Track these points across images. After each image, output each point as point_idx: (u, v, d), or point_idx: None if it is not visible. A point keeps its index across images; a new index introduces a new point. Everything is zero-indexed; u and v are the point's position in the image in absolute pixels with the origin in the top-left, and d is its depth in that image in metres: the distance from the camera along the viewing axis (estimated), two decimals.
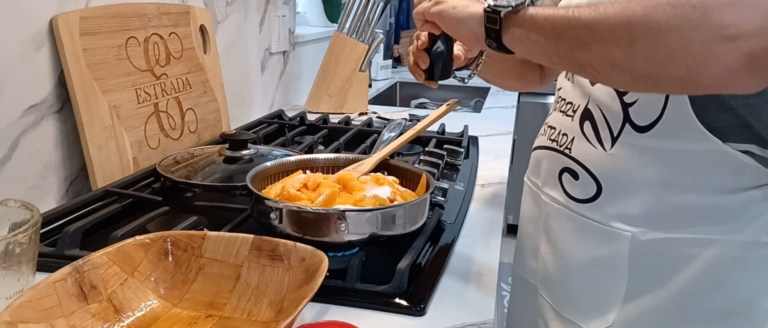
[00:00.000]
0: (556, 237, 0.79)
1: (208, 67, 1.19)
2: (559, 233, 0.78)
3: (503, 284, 2.52)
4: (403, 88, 2.45)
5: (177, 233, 0.62)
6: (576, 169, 0.75)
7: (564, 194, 0.77)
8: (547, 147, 0.81)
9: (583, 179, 0.74)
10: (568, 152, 0.76)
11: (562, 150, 0.77)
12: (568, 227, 0.77)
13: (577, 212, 0.75)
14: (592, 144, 0.72)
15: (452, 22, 0.66)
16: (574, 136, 0.75)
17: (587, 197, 0.73)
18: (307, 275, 0.57)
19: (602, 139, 0.71)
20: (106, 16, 0.92)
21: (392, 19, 2.95)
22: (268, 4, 1.52)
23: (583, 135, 0.74)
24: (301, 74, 1.81)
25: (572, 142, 0.76)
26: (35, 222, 0.55)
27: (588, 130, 0.73)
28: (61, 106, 0.87)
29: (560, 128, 0.79)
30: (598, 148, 0.71)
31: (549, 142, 0.81)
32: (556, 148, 0.79)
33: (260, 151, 0.97)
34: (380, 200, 0.70)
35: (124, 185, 0.88)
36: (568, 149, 0.76)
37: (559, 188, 0.78)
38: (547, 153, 0.81)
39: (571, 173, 0.76)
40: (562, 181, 0.77)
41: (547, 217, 0.81)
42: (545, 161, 0.82)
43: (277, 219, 0.67)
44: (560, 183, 0.78)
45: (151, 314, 0.57)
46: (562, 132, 0.78)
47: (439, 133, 1.30)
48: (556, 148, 0.79)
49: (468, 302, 0.65)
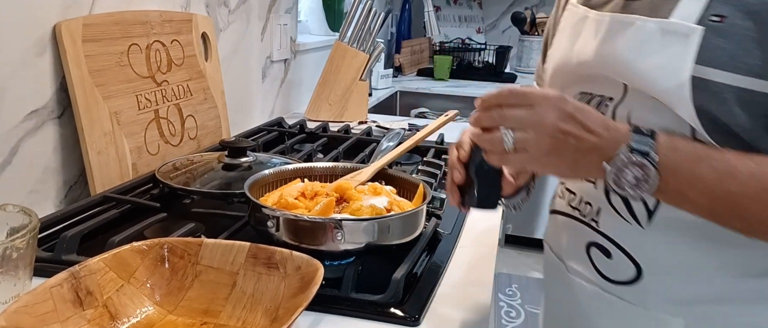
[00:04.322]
0: (592, 325, 0.68)
1: (209, 75, 1.19)
2: (594, 320, 0.67)
3: (500, 294, 2.52)
4: (403, 98, 2.46)
5: (174, 239, 0.62)
6: (607, 246, 0.64)
7: (595, 271, 0.66)
8: (568, 215, 0.71)
9: (617, 258, 0.64)
10: (594, 226, 0.66)
11: (587, 221, 0.67)
12: (604, 311, 0.66)
13: (615, 295, 0.64)
14: (624, 218, 0.62)
15: (571, 157, 0.53)
16: (600, 207, 0.65)
17: (625, 279, 0.63)
18: (302, 283, 0.57)
19: (636, 213, 0.61)
20: (109, 23, 0.93)
21: (393, 28, 2.96)
22: (270, 12, 1.53)
23: (611, 207, 0.63)
24: (301, 82, 1.81)
25: (598, 214, 0.65)
26: (33, 227, 0.55)
27: (617, 202, 0.63)
28: (62, 111, 0.88)
29: (581, 195, 0.68)
30: (632, 224, 0.62)
31: (569, 209, 0.70)
32: (579, 219, 0.68)
33: (259, 158, 0.97)
34: (377, 209, 0.71)
35: (122, 190, 0.89)
36: (595, 222, 0.66)
37: (588, 264, 0.67)
38: (569, 222, 0.70)
39: (601, 250, 0.65)
40: (591, 256, 0.67)
41: (576, 297, 0.69)
42: (568, 232, 0.71)
43: (274, 227, 0.67)
44: (589, 259, 0.67)
45: (146, 321, 0.57)
46: (584, 200, 0.68)
47: (437, 143, 1.30)
48: (580, 219, 0.68)
49: (463, 313, 0.65)
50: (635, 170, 0.51)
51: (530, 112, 0.52)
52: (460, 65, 2.90)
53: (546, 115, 0.52)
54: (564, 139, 0.52)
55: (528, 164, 0.55)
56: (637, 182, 0.52)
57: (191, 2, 1.17)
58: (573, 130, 0.52)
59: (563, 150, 0.52)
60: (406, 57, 2.84)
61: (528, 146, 0.52)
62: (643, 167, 0.51)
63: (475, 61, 2.97)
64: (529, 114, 0.52)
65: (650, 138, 0.52)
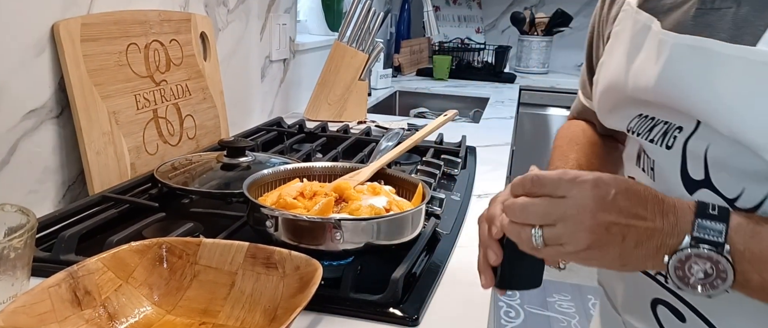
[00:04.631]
0: None
1: (208, 74, 1.19)
2: None
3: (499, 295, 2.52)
4: (403, 98, 2.46)
5: (172, 239, 0.62)
6: (678, 306, 0.54)
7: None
8: None
9: (692, 323, 0.53)
10: (663, 281, 0.55)
11: (654, 275, 0.56)
12: None
13: None
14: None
15: (618, 251, 0.44)
16: None
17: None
18: (301, 283, 0.57)
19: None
20: (108, 23, 0.93)
21: (393, 28, 2.96)
22: (270, 12, 1.53)
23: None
24: (301, 82, 1.81)
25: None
26: (31, 227, 0.55)
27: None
28: (61, 111, 0.87)
29: None
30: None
31: None
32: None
33: (258, 158, 0.97)
34: (376, 209, 0.71)
35: (121, 190, 0.89)
36: (663, 276, 0.54)
37: (653, 323, 0.57)
38: (632, 273, 0.59)
39: (671, 310, 0.55)
40: (657, 315, 0.56)
41: None
42: (626, 282, 0.61)
43: (272, 227, 0.67)
44: (655, 318, 0.57)
45: (144, 321, 0.57)
46: None
47: (436, 143, 1.30)
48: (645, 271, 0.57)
49: (462, 313, 0.65)
50: (704, 264, 0.43)
51: (559, 205, 0.44)
52: (459, 65, 2.90)
53: (581, 207, 0.43)
54: (606, 232, 0.43)
55: (566, 259, 0.47)
56: (707, 277, 0.43)
57: (190, 2, 1.17)
58: (617, 220, 0.43)
59: (607, 244, 0.44)
60: (405, 57, 2.84)
61: (562, 242, 0.45)
62: (714, 261, 0.42)
63: (475, 61, 2.97)
64: (559, 207, 0.44)
65: (722, 222, 0.42)
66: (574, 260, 0.47)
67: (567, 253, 0.45)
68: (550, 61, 3.01)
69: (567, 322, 2.36)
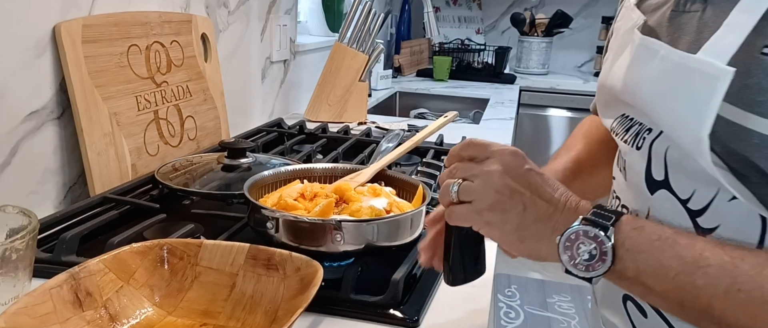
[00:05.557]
0: None
1: (209, 76, 1.20)
2: None
3: (499, 295, 2.52)
4: (403, 98, 2.46)
5: (173, 240, 0.63)
6: (642, 304, 0.56)
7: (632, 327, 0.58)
8: None
9: (652, 319, 0.55)
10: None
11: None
12: None
13: None
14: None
15: (517, 220, 0.48)
16: None
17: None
18: (302, 284, 0.57)
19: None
20: (109, 24, 0.93)
21: (393, 29, 2.96)
22: (270, 13, 1.53)
23: None
24: (301, 83, 1.81)
25: None
26: (32, 229, 0.55)
27: None
28: (62, 112, 0.88)
29: None
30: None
31: None
32: None
33: (259, 159, 0.97)
34: (376, 210, 0.71)
35: (122, 191, 0.89)
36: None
37: (624, 318, 0.59)
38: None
39: (637, 306, 0.56)
40: (627, 311, 0.58)
41: None
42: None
43: (273, 228, 0.67)
44: (626, 313, 0.58)
45: (145, 322, 0.57)
46: None
47: (437, 144, 1.31)
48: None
49: (463, 315, 0.65)
50: (590, 245, 0.45)
51: (479, 165, 0.49)
52: (459, 66, 2.90)
53: (495, 169, 0.48)
54: (510, 197, 0.47)
55: (470, 219, 0.50)
56: (591, 259, 0.46)
57: (191, 3, 1.17)
58: (522, 189, 0.47)
59: (508, 209, 0.47)
60: (405, 58, 2.84)
61: (471, 197, 0.48)
62: (598, 241, 0.45)
63: (475, 61, 2.97)
64: (478, 166, 0.49)
65: (612, 216, 0.46)
66: (477, 222, 0.50)
67: (472, 212, 0.49)
68: (550, 62, 3.01)
69: (567, 323, 2.36)
